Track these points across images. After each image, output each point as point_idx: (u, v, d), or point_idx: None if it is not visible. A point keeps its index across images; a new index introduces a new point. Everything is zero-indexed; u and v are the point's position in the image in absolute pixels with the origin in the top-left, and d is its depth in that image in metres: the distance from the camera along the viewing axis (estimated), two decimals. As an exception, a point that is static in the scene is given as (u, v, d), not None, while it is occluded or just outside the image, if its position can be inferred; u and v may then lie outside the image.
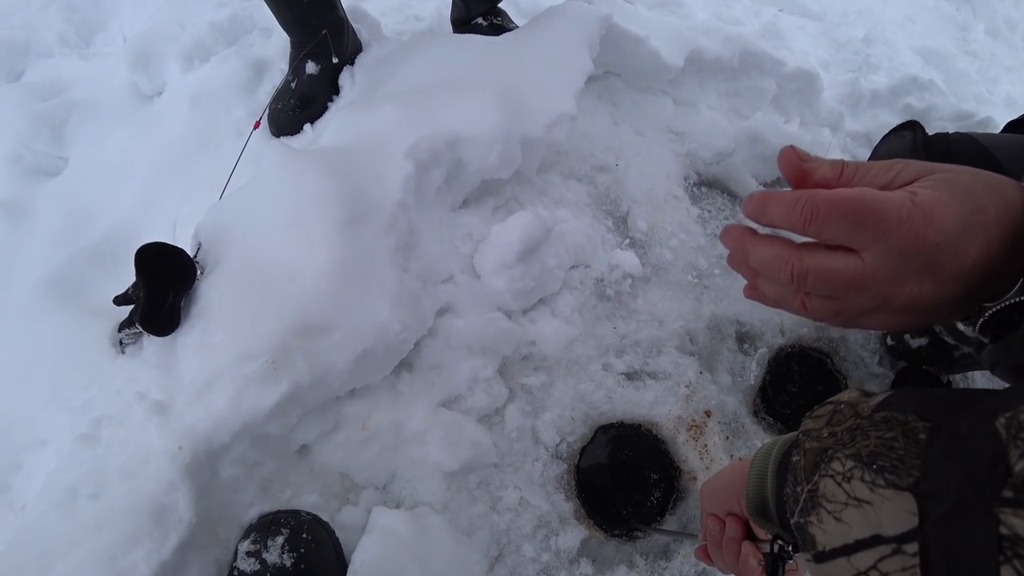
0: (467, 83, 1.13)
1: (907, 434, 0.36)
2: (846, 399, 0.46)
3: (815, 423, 0.46)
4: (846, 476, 0.38)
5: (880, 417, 0.39)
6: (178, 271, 0.91)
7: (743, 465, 0.57)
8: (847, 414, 0.43)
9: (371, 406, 0.92)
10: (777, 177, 1.53)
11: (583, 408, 1.06)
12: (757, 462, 0.54)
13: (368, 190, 0.95)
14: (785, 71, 1.57)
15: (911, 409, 0.38)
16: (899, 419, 0.38)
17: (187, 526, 0.80)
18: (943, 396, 0.38)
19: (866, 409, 0.42)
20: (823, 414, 0.46)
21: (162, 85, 1.43)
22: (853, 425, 0.41)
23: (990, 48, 2.45)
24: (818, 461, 0.41)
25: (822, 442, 0.42)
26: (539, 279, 1.02)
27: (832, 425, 0.43)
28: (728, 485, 0.59)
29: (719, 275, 1.28)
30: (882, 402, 0.41)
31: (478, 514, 0.95)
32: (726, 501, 0.60)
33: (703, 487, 0.66)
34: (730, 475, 0.60)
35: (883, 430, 0.38)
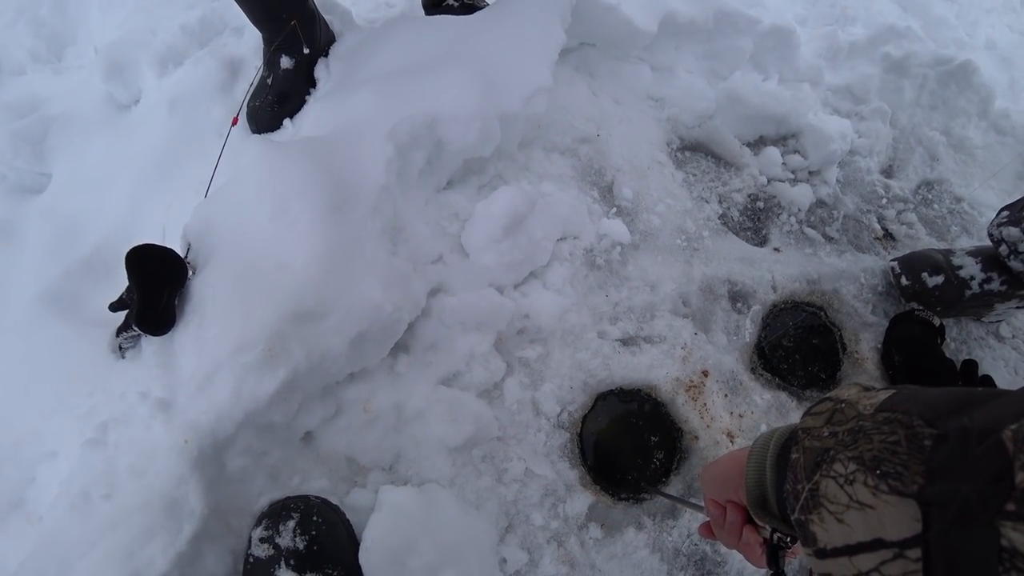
0: (442, 63, 1.13)
1: (910, 438, 0.36)
2: (845, 397, 0.46)
3: (814, 421, 0.46)
4: (848, 479, 0.38)
5: (882, 418, 0.40)
6: (170, 271, 0.92)
7: (741, 455, 0.58)
8: (848, 414, 0.43)
9: (371, 389, 0.93)
10: (760, 136, 1.53)
11: (581, 377, 1.07)
12: (755, 454, 0.55)
13: (351, 176, 0.95)
14: (760, 29, 1.56)
15: (915, 412, 0.37)
16: (902, 421, 0.38)
17: (200, 518, 0.82)
18: (946, 397, 0.38)
19: (867, 408, 0.42)
20: (822, 411, 0.46)
21: (138, 93, 1.42)
22: (855, 426, 0.41)
23: (968, -9, 2.43)
24: (819, 461, 0.42)
25: (822, 441, 0.43)
26: (527, 251, 1.02)
27: (832, 424, 0.44)
28: (727, 476, 0.60)
29: (708, 237, 1.29)
30: (884, 401, 0.41)
31: (485, 487, 0.97)
32: (725, 490, 0.61)
33: (703, 472, 0.67)
34: (728, 465, 0.61)
35: (885, 433, 0.38)
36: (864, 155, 1.61)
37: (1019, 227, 1.16)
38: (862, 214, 1.52)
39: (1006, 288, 1.23)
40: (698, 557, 1.04)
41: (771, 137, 1.54)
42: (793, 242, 1.40)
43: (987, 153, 1.73)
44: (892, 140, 1.67)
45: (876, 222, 1.53)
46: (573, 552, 0.99)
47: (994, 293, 1.24)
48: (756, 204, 1.44)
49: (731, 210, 1.40)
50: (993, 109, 1.75)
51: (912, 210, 1.57)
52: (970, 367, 1.26)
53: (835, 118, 1.59)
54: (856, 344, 1.30)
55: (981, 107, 1.74)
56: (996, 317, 1.39)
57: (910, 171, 1.65)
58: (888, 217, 1.54)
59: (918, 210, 1.58)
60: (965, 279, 1.25)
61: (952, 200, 1.64)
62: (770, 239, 1.39)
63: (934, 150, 1.69)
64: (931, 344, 1.26)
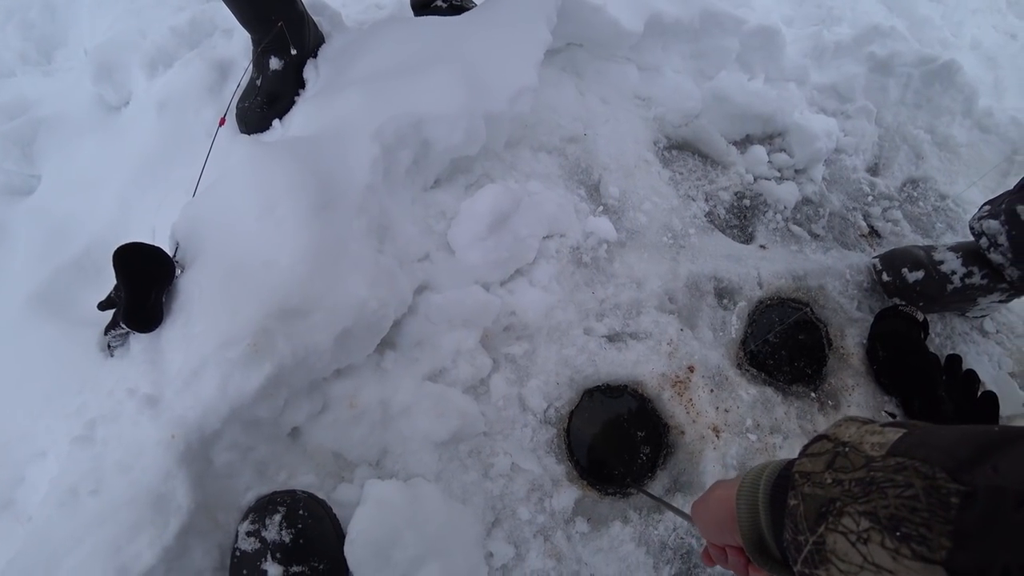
0: (428, 63, 1.14)
1: (930, 492, 0.33)
2: (847, 438, 0.42)
3: (813, 464, 0.43)
4: (861, 537, 0.35)
5: (895, 465, 0.36)
6: (157, 268, 0.93)
7: (728, 496, 0.55)
8: (854, 460, 0.40)
9: (357, 385, 0.94)
10: (746, 135, 1.55)
11: (567, 373, 1.09)
12: (744, 494, 0.52)
13: (337, 175, 0.96)
14: (746, 28, 1.58)
15: (935, 461, 0.34)
16: (920, 471, 0.34)
17: (186, 512, 0.82)
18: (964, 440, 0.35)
19: (875, 450, 0.39)
20: (820, 453, 0.43)
21: (128, 95, 1.43)
22: (864, 477, 0.38)
23: (954, -9, 2.46)
24: (823, 512, 0.39)
25: (826, 490, 0.40)
26: (512, 249, 1.04)
27: (836, 471, 0.40)
28: (719, 520, 0.57)
29: (694, 234, 1.31)
30: (896, 445, 0.38)
31: (471, 482, 0.98)
32: (721, 535, 0.58)
33: (694, 513, 0.63)
34: (718, 508, 0.57)
35: (901, 486, 0.35)
36: (850, 153, 1.63)
37: (998, 220, 1.18)
38: (848, 211, 1.54)
39: (987, 282, 1.24)
40: (684, 551, 1.05)
41: (757, 136, 1.56)
42: (779, 239, 1.41)
43: (971, 151, 1.75)
44: (877, 138, 1.69)
45: (862, 219, 1.54)
46: (559, 546, 1.00)
47: (975, 287, 1.25)
48: (742, 202, 1.45)
49: (718, 208, 1.42)
50: (977, 108, 1.77)
51: (897, 207, 1.59)
52: (954, 361, 1.27)
53: (821, 117, 1.61)
54: (841, 340, 1.31)
55: (965, 106, 1.76)
56: (980, 312, 1.40)
57: (895, 169, 1.66)
58: (873, 214, 1.56)
59: (903, 207, 1.60)
60: (946, 274, 1.27)
61: (937, 197, 1.66)
62: (756, 236, 1.41)
63: (919, 148, 1.71)
64: (915, 339, 1.28)
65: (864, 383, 1.28)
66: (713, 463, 1.09)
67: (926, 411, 1.21)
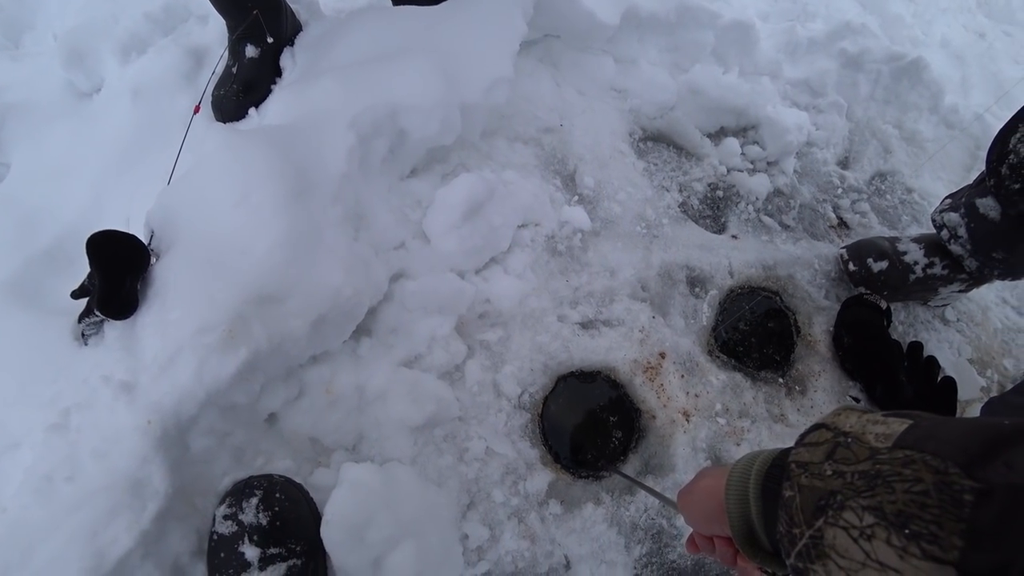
0: (405, 53, 1.15)
1: (942, 488, 0.31)
2: (848, 428, 0.41)
3: (811, 454, 0.41)
4: (864, 533, 0.34)
5: (902, 458, 0.35)
6: (132, 256, 0.93)
7: (716, 485, 0.53)
8: (857, 451, 0.38)
9: (333, 371, 0.96)
10: (720, 127, 1.58)
11: (541, 359, 1.11)
12: (734, 484, 0.50)
13: (313, 164, 0.97)
14: (721, 23, 1.61)
15: (946, 455, 0.33)
16: (930, 465, 0.33)
17: (164, 497, 0.83)
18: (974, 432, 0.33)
19: (880, 442, 0.37)
20: (819, 443, 0.41)
21: (100, 81, 1.41)
22: (869, 469, 0.36)
23: (926, -10, 2.51)
24: (822, 505, 0.37)
25: (825, 482, 0.38)
26: (486, 237, 1.05)
27: (837, 462, 0.38)
28: (707, 511, 0.55)
29: (667, 224, 1.33)
30: (903, 436, 0.36)
31: (446, 465, 1.00)
32: (709, 526, 0.57)
33: (680, 503, 0.62)
34: (705, 497, 0.56)
35: (909, 480, 0.33)
36: (821, 147, 1.67)
37: (958, 213, 1.23)
38: (818, 203, 1.58)
39: (947, 272, 1.29)
40: (655, 531, 1.08)
41: (731, 128, 1.59)
42: (750, 230, 1.45)
43: (937, 146, 1.80)
44: (848, 132, 1.73)
45: (831, 211, 1.59)
46: (533, 527, 1.03)
47: (936, 277, 1.30)
48: (715, 193, 1.49)
49: (691, 199, 1.45)
50: (943, 104, 1.82)
51: (866, 200, 1.63)
52: (916, 348, 1.32)
53: (793, 111, 1.65)
54: (809, 327, 1.36)
55: (932, 102, 1.81)
56: (941, 301, 1.46)
57: (864, 162, 1.71)
58: (843, 206, 1.60)
59: (871, 200, 1.65)
60: (909, 264, 1.31)
61: (903, 191, 1.71)
62: (728, 227, 1.44)
63: (887, 143, 1.76)
64: (878, 326, 1.32)
65: (830, 369, 1.32)
66: (683, 446, 1.13)
67: (888, 395, 1.25)
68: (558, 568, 1.02)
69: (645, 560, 1.06)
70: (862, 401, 1.29)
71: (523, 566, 1.00)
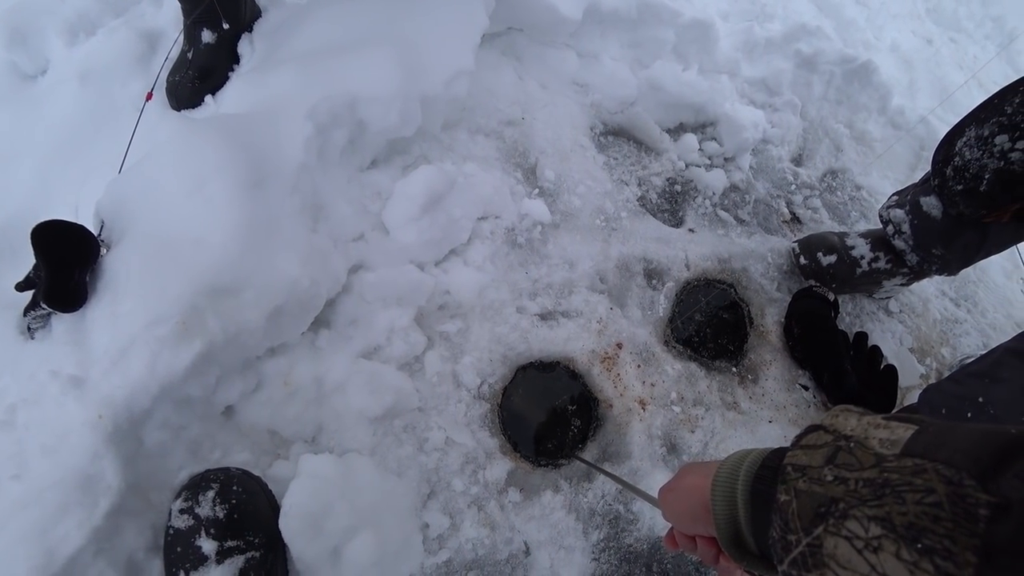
0: (365, 43, 1.14)
1: (956, 501, 0.30)
2: (849, 431, 0.39)
3: (809, 457, 0.39)
4: (870, 545, 0.33)
5: (912, 466, 0.33)
6: (80, 247, 0.90)
7: (701, 484, 0.51)
8: (861, 457, 0.36)
9: (291, 362, 0.96)
10: (679, 123, 1.62)
11: (500, 350, 1.13)
12: (720, 485, 0.49)
13: (269, 154, 0.96)
14: (682, 21, 1.63)
15: (959, 464, 0.31)
16: (943, 476, 0.31)
17: (116, 492, 0.82)
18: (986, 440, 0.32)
19: (885, 449, 0.36)
20: (818, 445, 0.40)
21: (45, 63, 1.36)
22: (876, 477, 0.34)
23: (880, -3, 2.60)
24: (822, 512, 0.36)
25: (826, 487, 0.36)
26: (446, 229, 1.06)
27: (838, 467, 0.37)
28: (691, 510, 0.54)
29: (626, 218, 1.36)
30: (911, 444, 0.35)
31: (406, 455, 1.01)
32: (693, 526, 0.55)
33: (662, 500, 0.60)
34: (689, 496, 0.54)
35: (921, 491, 0.32)
36: (776, 144, 1.72)
37: (903, 210, 1.29)
38: (772, 199, 1.63)
39: (891, 266, 1.36)
40: (612, 516, 1.12)
41: (690, 124, 1.63)
42: (707, 223, 1.49)
43: (884, 146, 1.88)
44: (802, 131, 1.79)
45: (785, 206, 1.64)
46: (493, 515, 1.05)
47: (881, 271, 1.37)
48: (674, 187, 1.52)
49: (650, 193, 1.48)
50: (891, 106, 1.90)
51: (817, 196, 1.69)
52: (861, 338, 1.38)
53: (750, 108, 1.70)
54: (762, 318, 1.41)
55: (880, 104, 1.89)
56: (885, 294, 1.53)
57: (817, 160, 1.77)
58: (796, 202, 1.66)
59: (823, 196, 1.71)
60: (856, 258, 1.38)
61: (853, 188, 1.78)
62: (686, 220, 1.48)
63: (839, 141, 1.82)
64: (826, 317, 1.38)
65: (781, 358, 1.38)
66: (639, 434, 1.16)
67: (834, 383, 1.31)
68: (518, 554, 1.05)
69: (603, 545, 1.09)
70: (810, 388, 1.36)
71: (483, 553, 1.02)
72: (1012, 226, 1.16)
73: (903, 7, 2.62)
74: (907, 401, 1.40)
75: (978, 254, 1.24)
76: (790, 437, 1.28)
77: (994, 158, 1.02)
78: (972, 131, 1.06)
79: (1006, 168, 1.01)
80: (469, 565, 1.01)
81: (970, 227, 1.17)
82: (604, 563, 1.07)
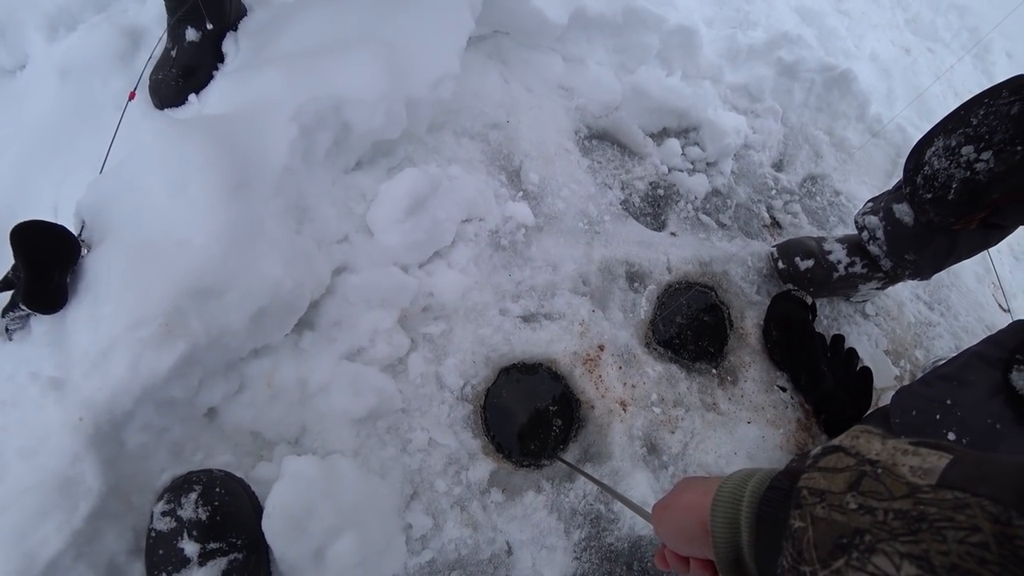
0: (351, 45, 1.14)
1: (1004, 542, 0.28)
2: (875, 456, 0.36)
3: (828, 481, 0.36)
4: None
5: (952, 501, 0.31)
6: (60, 247, 0.90)
7: (700, 502, 0.48)
8: (892, 487, 0.33)
9: (275, 364, 0.96)
10: (663, 128, 1.64)
11: (483, 352, 1.14)
12: (721, 505, 0.46)
13: (253, 155, 0.96)
14: (667, 27, 1.66)
15: (1008, 502, 0.29)
16: (990, 514, 0.29)
17: (97, 495, 0.82)
18: None
19: (918, 479, 0.33)
20: (838, 469, 0.37)
21: (24, 58, 1.34)
22: (911, 510, 0.31)
23: (861, 7, 2.65)
24: (843, 544, 0.33)
25: (849, 517, 0.33)
26: (430, 232, 1.07)
27: (864, 495, 0.34)
28: (688, 531, 0.51)
29: (609, 221, 1.38)
30: (947, 474, 0.32)
31: (389, 457, 1.02)
32: (689, 547, 0.52)
33: (656, 517, 0.56)
34: (686, 515, 0.51)
35: (965, 529, 0.29)
36: (757, 149, 1.75)
37: (878, 216, 1.32)
38: (753, 203, 1.66)
39: (867, 271, 1.39)
40: (593, 516, 1.13)
41: (673, 129, 1.65)
42: (689, 227, 1.52)
43: (863, 152, 1.92)
44: (782, 137, 1.83)
45: (765, 211, 1.67)
46: (476, 515, 1.06)
47: (857, 275, 1.40)
48: (656, 191, 1.55)
49: (632, 196, 1.50)
50: (869, 114, 1.94)
51: (797, 201, 1.73)
52: (838, 340, 1.42)
53: (732, 114, 1.72)
54: (742, 321, 1.44)
55: (859, 111, 1.93)
56: (861, 297, 1.57)
57: (797, 166, 1.81)
58: (776, 207, 1.69)
59: (802, 201, 1.75)
60: (833, 263, 1.41)
61: (832, 193, 1.82)
62: (668, 224, 1.50)
63: (818, 148, 1.86)
64: (803, 320, 1.41)
65: (760, 360, 1.40)
66: (620, 435, 1.18)
67: (811, 384, 1.35)
68: (500, 554, 1.06)
69: (584, 544, 1.10)
70: (788, 390, 1.38)
71: (466, 553, 1.04)
72: (980, 233, 1.19)
73: (883, 17, 2.67)
74: (882, 402, 1.43)
75: (948, 259, 1.28)
76: (768, 438, 1.32)
77: (961, 168, 1.05)
78: (940, 141, 1.10)
79: (972, 178, 1.04)
80: (452, 565, 1.02)
81: (940, 234, 1.21)
82: (585, 562, 1.09)
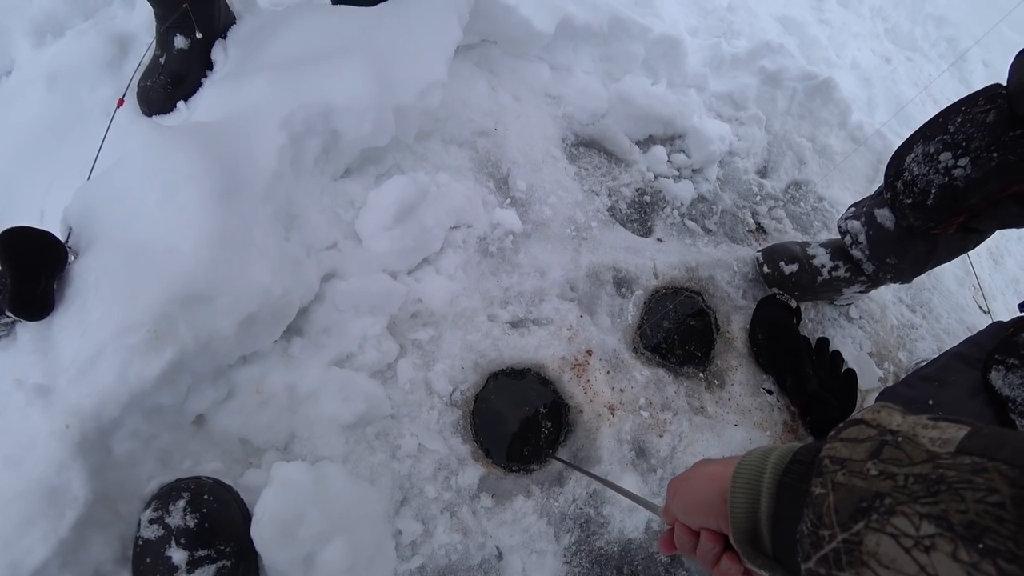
0: (340, 53, 1.15)
1: (1020, 503, 0.29)
2: (895, 426, 0.37)
3: (849, 450, 0.37)
4: (920, 543, 0.31)
5: (970, 465, 0.32)
6: (47, 254, 0.89)
7: (722, 474, 0.48)
8: (911, 452, 0.34)
9: (264, 371, 0.96)
10: (649, 135, 1.66)
11: (472, 357, 1.15)
12: (743, 477, 0.46)
13: (242, 162, 0.96)
14: (652, 36, 1.69)
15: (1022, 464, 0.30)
16: (1007, 476, 0.30)
17: (83, 504, 0.81)
18: None
19: (938, 447, 0.34)
20: (859, 439, 0.38)
21: (10, 63, 1.34)
22: (930, 473, 0.32)
23: (842, 17, 2.71)
24: (864, 507, 0.34)
25: (869, 482, 0.34)
26: (418, 239, 1.08)
27: (884, 462, 0.35)
28: (706, 501, 0.50)
29: (596, 227, 1.40)
30: (966, 442, 0.33)
31: (379, 463, 1.02)
32: (704, 518, 0.51)
33: (672, 490, 0.56)
34: (706, 487, 0.51)
35: (983, 490, 0.30)
36: (742, 156, 1.78)
37: (860, 221, 1.35)
38: (738, 209, 1.69)
39: (850, 275, 1.42)
40: (583, 520, 1.14)
41: (659, 137, 1.68)
42: (675, 233, 1.54)
43: (845, 159, 1.96)
44: (766, 144, 1.86)
45: (750, 217, 1.70)
46: (465, 521, 1.06)
47: (841, 279, 1.43)
48: (643, 198, 1.57)
49: (619, 203, 1.52)
50: (850, 121, 1.98)
51: (782, 207, 1.76)
52: (822, 343, 1.44)
53: (717, 122, 1.75)
54: (728, 325, 1.45)
55: (840, 119, 1.97)
56: (845, 301, 1.59)
57: (781, 172, 1.84)
58: (761, 212, 1.72)
59: (787, 207, 1.77)
60: (817, 267, 1.43)
61: (815, 199, 1.85)
62: (654, 230, 1.52)
63: (801, 155, 1.89)
64: (788, 324, 1.44)
65: (746, 363, 1.42)
66: (609, 439, 1.19)
67: (796, 386, 1.36)
68: (490, 559, 1.06)
69: (574, 548, 1.11)
70: (774, 392, 1.40)
71: (456, 559, 1.04)
72: (958, 237, 1.22)
73: (863, 27, 2.73)
74: (867, 403, 1.45)
75: (929, 263, 1.31)
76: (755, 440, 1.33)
77: (939, 174, 1.08)
78: (920, 148, 1.12)
79: (950, 183, 1.06)
80: (442, 571, 1.02)
81: (920, 238, 1.24)
82: (575, 566, 1.09)
